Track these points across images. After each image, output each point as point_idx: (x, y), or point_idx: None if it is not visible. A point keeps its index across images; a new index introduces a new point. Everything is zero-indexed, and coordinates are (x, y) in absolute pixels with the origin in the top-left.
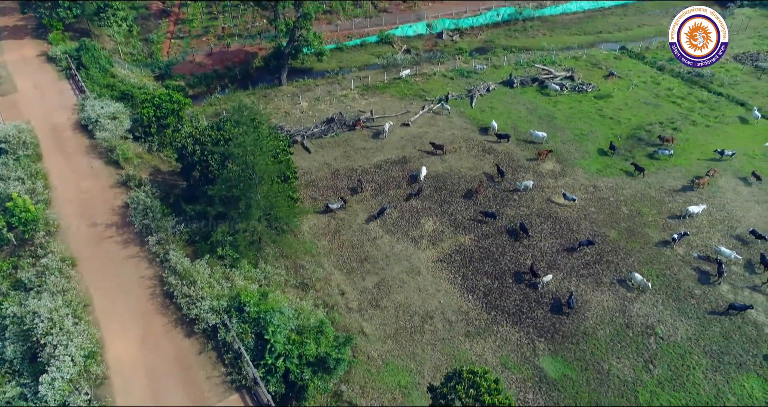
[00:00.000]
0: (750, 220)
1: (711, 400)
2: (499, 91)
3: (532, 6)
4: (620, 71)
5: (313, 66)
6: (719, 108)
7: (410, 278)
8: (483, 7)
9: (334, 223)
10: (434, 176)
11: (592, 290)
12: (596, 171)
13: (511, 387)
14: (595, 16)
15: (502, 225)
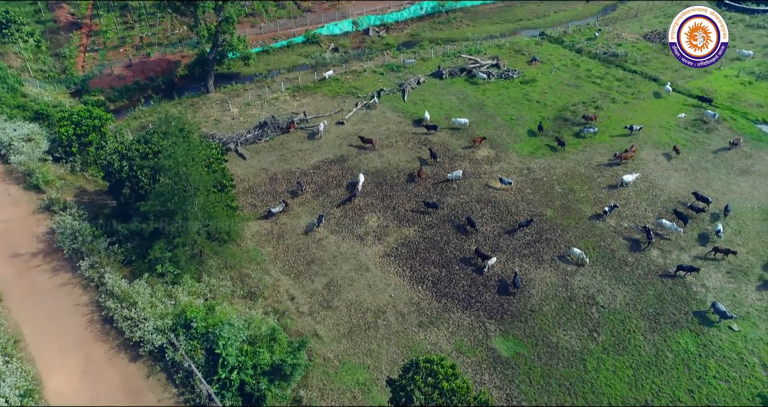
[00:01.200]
0: (671, 187)
1: (652, 359)
2: (429, 84)
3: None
4: (542, 56)
5: (240, 71)
6: (635, 85)
7: (359, 275)
8: (407, 1)
9: (277, 228)
10: (373, 172)
11: (534, 268)
12: (528, 154)
13: (468, 370)
14: (514, 5)
15: (445, 215)
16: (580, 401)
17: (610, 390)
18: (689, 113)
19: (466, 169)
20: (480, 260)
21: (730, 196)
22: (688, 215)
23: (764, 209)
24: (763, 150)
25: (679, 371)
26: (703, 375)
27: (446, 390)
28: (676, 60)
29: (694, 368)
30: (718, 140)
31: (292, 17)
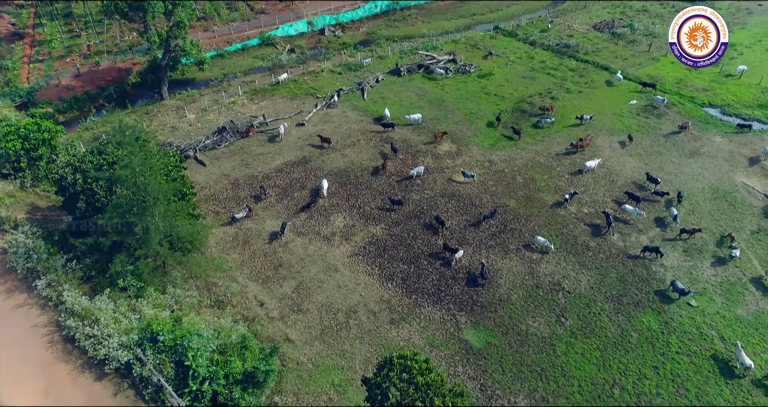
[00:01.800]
0: (627, 172)
1: (617, 339)
2: (388, 81)
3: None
4: (497, 50)
5: (195, 76)
6: (587, 74)
7: (328, 276)
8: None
9: (242, 234)
10: (337, 172)
11: (501, 258)
12: (489, 146)
13: (441, 364)
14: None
15: (411, 211)
16: (551, 385)
17: (580, 372)
18: (640, 100)
19: (429, 164)
20: (447, 253)
21: (682, 178)
22: (641, 196)
23: (714, 189)
24: (711, 132)
25: (643, 349)
26: (666, 351)
27: (421, 384)
28: (624, 48)
29: (657, 345)
30: (668, 124)
31: (246, 20)
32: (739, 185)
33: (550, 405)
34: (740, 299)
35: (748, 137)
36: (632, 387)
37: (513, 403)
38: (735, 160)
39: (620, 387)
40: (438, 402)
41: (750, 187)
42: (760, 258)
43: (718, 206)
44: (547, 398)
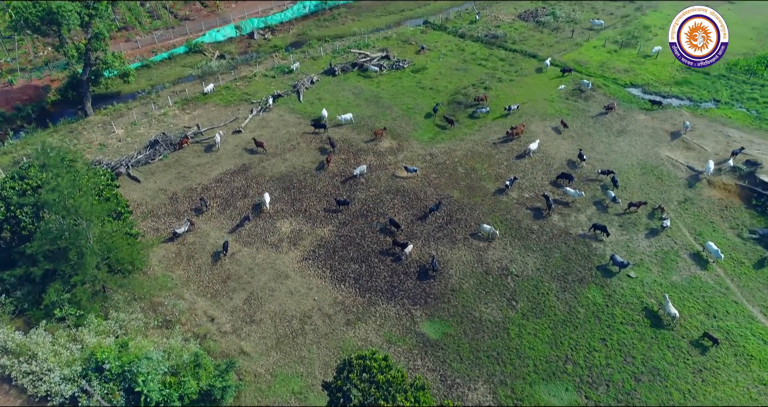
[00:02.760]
0: (562, 155)
1: (566, 316)
2: (323, 82)
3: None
4: (429, 44)
5: (120, 89)
6: (517, 63)
7: (279, 284)
8: (289, 1)
9: (185, 249)
10: (279, 177)
11: (450, 249)
12: (429, 140)
13: (400, 359)
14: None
15: (357, 210)
16: (508, 368)
17: (534, 352)
18: (568, 85)
19: (372, 162)
20: (397, 248)
21: (612, 156)
22: (579, 175)
23: (642, 164)
24: (635, 111)
25: (591, 323)
26: (611, 323)
27: (382, 382)
28: (549, 36)
29: (603, 318)
30: (595, 106)
31: (170, 27)
32: (664, 158)
33: (509, 387)
34: (674, 267)
35: (669, 113)
36: (583, 361)
37: (473, 389)
38: (658, 136)
39: (572, 362)
40: (400, 398)
41: (674, 160)
42: (689, 226)
43: (647, 181)
44: (505, 381)
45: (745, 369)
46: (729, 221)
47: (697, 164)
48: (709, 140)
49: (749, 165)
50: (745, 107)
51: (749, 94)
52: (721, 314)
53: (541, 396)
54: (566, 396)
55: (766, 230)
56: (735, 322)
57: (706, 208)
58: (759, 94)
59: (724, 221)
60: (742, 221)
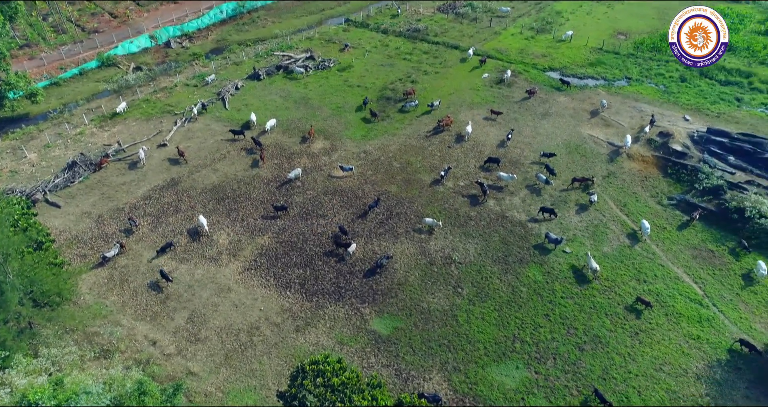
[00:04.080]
0: (491, 141)
1: (510, 297)
2: (248, 87)
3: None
4: (353, 42)
5: (28, 110)
6: (441, 55)
7: (222, 298)
8: (204, 6)
9: (118, 273)
10: (212, 188)
11: (392, 243)
12: (362, 137)
13: (354, 359)
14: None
15: (296, 214)
16: (460, 354)
17: (482, 335)
18: (492, 73)
19: (306, 164)
20: (341, 249)
21: (539, 138)
22: (499, 158)
23: (567, 144)
24: (555, 94)
25: (534, 301)
26: (552, 299)
27: (338, 385)
28: (469, 26)
29: (544, 294)
30: (518, 91)
31: (78, 41)
32: (586, 137)
33: (462, 372)
34: (604, 239)
35: (587, 93)
36: (530, 338)
37: (428, 379)
38: (579, 115)
39: (520, 340)
40: (357, 398)
41: (595, 137)
42: (614, 199)
43: (573, 159)
44: (458, 367)
45: (676, 327)
46: (649, 190)
47: (616, 139)
48: (625, 116)
49: (662, 136)
50: (653, 82)
51: (656, 70)
52: (650, 278)
53: (493, 377)
54: (517, 374)
55: (682, 195)
56: (663, 284)
57: (628, 180)
58: (665, 70)
59: (645, 191)
60: (661, 190)
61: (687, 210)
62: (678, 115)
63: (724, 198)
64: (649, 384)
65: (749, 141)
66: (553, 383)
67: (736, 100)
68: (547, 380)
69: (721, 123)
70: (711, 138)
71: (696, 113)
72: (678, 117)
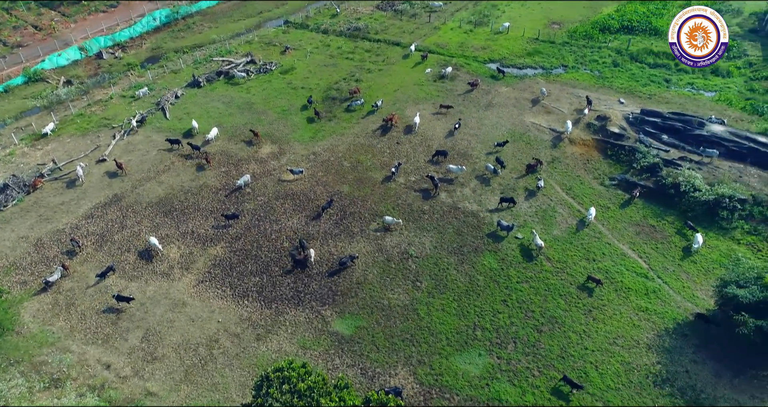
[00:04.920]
0: (438, 135)
1: (468, 287)
2: (189, 95)
3: (186, 2)
4: (293, 44)
5: None
6: (383, 52)
7: (177, 313)
8: (135, 14)
9: (63, 297)
10: (158, 202)
11: (348, 243)
12: (310, 139)
13: (318, 362)
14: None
15: (249, 222)
16: (423, 347)
17: (444, 326)
18: (434, 68)
19: (255, 170)
20: (300, 251)
21: (484, 129)
22: (446, 150)
23: (511, 133)
24: (496, 84)
25: (491, 288)
26: (509, 284)
27: (304, 390)
28: (408, 22)
29: (500, 281)
30: (461, 84)
31: (1, 57)
32: (529, 125)
33: (427, 364)
34: (553, 222)
35: (527, 82)
36: (490, 325)
37: (394, 375)
38: (521, 104)
39: (481, 328)
40: (325, 401)
41: (538, 125)
42: (560, 183)
43: (518, 147)
44: (422, 359)
45: (626, 301)
46: (592, 172)
47: (557, 125)
48: (564, 103)
49: (600, 120)
50: (588, 69)
51: (590, 57)
52: (599, 256)
53: (458, 366)
54: (480, 361)
55: (622, 175)
56: (611, 261)
57: (571, 164)
58: (598, 56)
59: (588, 173)
60: (602, 171)
61: (627, 189)
62: (613, 98)
63: (660, 175)
64: (604, 358)
65: (679, 119)
66: (515, 366)
67: (665, 81)
68: (510, 364)
69: (653, 104)
70: (645, 119)
71: (629, 95)
72: (613, 101)
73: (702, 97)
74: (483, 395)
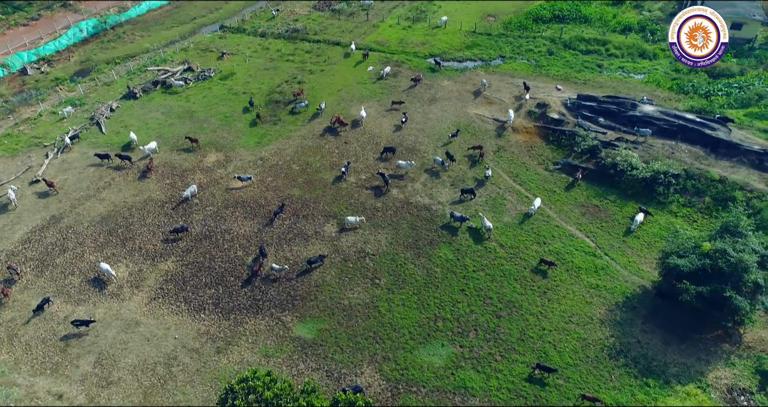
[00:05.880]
0: (385, 132)
1: (426, 279)
2: (125, 107)
3: (114, 11)
4: (231, 49)
5: None
6: (323, 53)
7: (131, 334)
8: (60, 26)
9: (3, 329)
10: (101, 220)
11: (304, 247)
12: (256, 144)
13: (283, 369)
14: (182, 5)
15: (199, 233)
16: (387, 343)
17: (406, 321)
18: (376, 65)
19: (201, 180)
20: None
21: (430, 123)
22: (395, 147)
23: (456, 125)
24: (438, 79)
25: (449, 279)
26: (466, 274)
27: (271, 399)
28: (347, 22)
29: (457, 271)
30: (404, 80)
31: None
32: (473, 116)
33: (392, 360)
34: (503, 209)
35: (468, 75)
36: (451, 315)
37: (360, 374)
38: (464, 97)
39: (442, 319)
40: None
41: (481, 116)
42: (507, 171)
43: (464, 138)
44: (387, 356)
45: (577, 280)
46: (536, 158)
47: (500, 115)
48: (505, 93)
49: (540, 107)
50: (525, 58)
51: (526, 47)
52: (549, 239)
53: (422, 359)
54: (444, 352)
55: (565, 159)
56: (561, 243)
57: (516, 152)
58: (533, 45)
59: (533, 160)
60: (546, 156)
61: (570, 172)
62: (551, 86)
63: (600, 157)
64: (561, 336)
65: (613, 102)
66: (477, 353)
67: (598, 66)
68: (472, 351)
69: (588, 89)
70: (582, 104)
71: (566, 82)
72: (551, 88)
73: (633, 80)
74: (449, 384)
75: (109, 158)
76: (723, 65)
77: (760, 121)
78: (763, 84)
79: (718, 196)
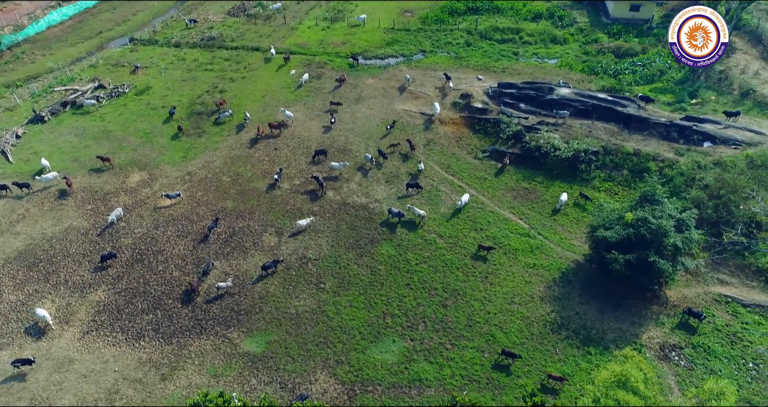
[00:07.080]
0: (315, 135)
1: (371, 278)
2: (32, 132)
3: (9, 31)
4: (144, 62)
5: None
6: (243, 59)
7: (65, 373)
8: None
9: None
10: (17, 256)
11: (244, 259)
12: (181, 159)
13: (235, 387)
14: (85, 19)
15: (130, 257)
16: (338, 347)
17: (355, 321)
18: (299, 68)
19: (126, 202)
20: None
21: (358, 122)
22: (326, 149)
23: (385, 122)
24: (362, 77)
25: (393, 275)
26: (409, 268)
27: None
28: (264, 26)
29: (401, 266)
30: (329, 81)
31: None
32: (401, 112)
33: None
34: (439, 201)
35: (391, 71)
36: (399, 310)
37: (314, 381)
38: (389, 93)
39: (390, 315)
40: None
41: (408, 111)
42: (439, 163)
43: (394, 135)
44: (339, 359)
45: (515, 262)
46: (465, 148)
47: (426, 109)
48: (429, 86)
49: (464, 98)
50: (445, 51)
51: (445, 40)
52: (485, 225)
53: (375, 357)
54: (395, 347)
55: (492, 146)
56: (497, 228)
57: (445, 143)
58: (451, 38)
59: (462, 150)
60: (474, 145)
61: (499, 158)
62: (472, 76)
63: (524, 141)
64: (506, 318)
65: (532, 88)
66: (428, 345)
67: (514, 54)
68: (423, 343)
69: (507, 76)
70: (502, 91)
71: (486, 71)
72: (472, 78)
73: (547, 65)
74: (404, 379)
75: (7, 189)
76: (626, 45)
77: (663, 95)
78: (663, 61)
79: (635, 168)
